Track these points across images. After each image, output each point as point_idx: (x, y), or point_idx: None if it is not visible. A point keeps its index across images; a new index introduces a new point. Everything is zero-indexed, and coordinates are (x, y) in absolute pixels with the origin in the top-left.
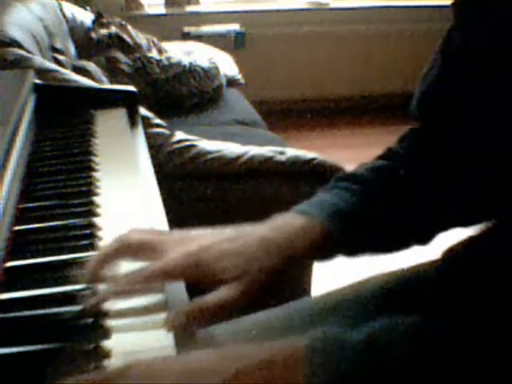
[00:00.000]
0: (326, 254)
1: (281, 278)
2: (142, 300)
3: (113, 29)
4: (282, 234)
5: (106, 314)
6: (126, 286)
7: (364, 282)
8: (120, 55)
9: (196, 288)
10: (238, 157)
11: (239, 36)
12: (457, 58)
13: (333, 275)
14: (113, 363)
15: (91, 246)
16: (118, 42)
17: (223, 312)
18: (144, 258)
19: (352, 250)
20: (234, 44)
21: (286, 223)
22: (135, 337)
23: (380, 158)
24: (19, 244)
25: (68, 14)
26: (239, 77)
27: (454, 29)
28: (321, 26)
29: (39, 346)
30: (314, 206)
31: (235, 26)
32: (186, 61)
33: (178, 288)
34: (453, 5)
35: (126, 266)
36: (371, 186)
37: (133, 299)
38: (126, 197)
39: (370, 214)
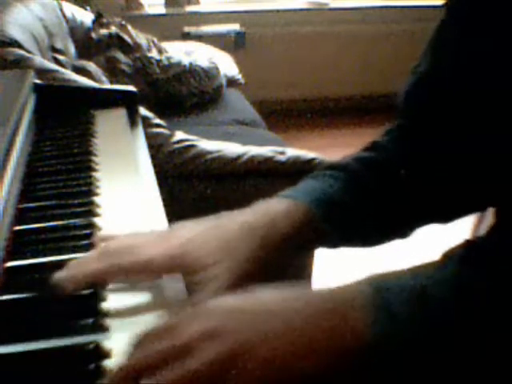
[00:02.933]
0: (309, 240)
1: (267, 266)
2: (141, 299)
3: (113, 29)
4: (264, 217)
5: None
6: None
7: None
8: (120, 55)
9: None
10: (238, 157)
11: (239, 36)
12: (446, 54)
13: (333, 274)
14: (113, 363)
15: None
16: (118, 41)
17: None
18: (129, 264)
19: (335, 239)
20: (234, 44)
21: (269, 207)
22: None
23: (365, 149)
24: (19, 244)
25: (68, 14)
26: (239, 77)
27: (444, 24)
28: (321, 26)
29: (39, 346)
30: (299, 191)
31: (235, 26)
32: (186, 61)
33: (178, 287)
34: (445, 1)
35: None
36: (356, 175)
37: (132, 298)
38: (126, 197)
39: (353, 201)
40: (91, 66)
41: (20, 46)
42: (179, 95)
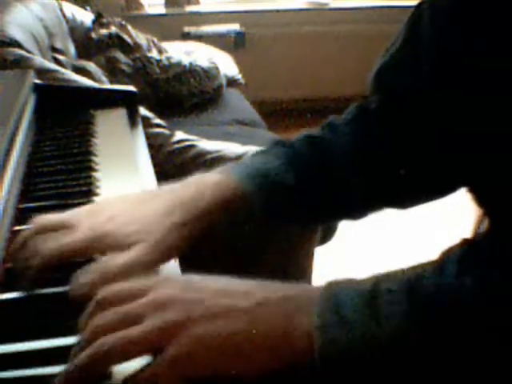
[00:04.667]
0: (240, 214)
1: (194, 240)
2: None
3: (113, 29)
4: (192, 189)
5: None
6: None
7: None
8: (120, 55)
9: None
10: (238, 157)
11: (239, 36)
12: (422, 32)
13: (333, 274)
14: None
15: None
16: (118, 41)
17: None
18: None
19: (271, 214)
20: (233, 44)
21: (199, 179)
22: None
23: (320, 128)
24: None
25: (68, 14)
26: (239, 77)
27: (423, 3)
28: (321, 26)
29: (39, 345)
30: (235, 167)
31: (235, 26)
32: (186, 61)
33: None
34: None
35: None
36: (298, 154)
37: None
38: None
39: (293, 179)
40: (91, 65)
41: (20, 46)
42: (179, 95)
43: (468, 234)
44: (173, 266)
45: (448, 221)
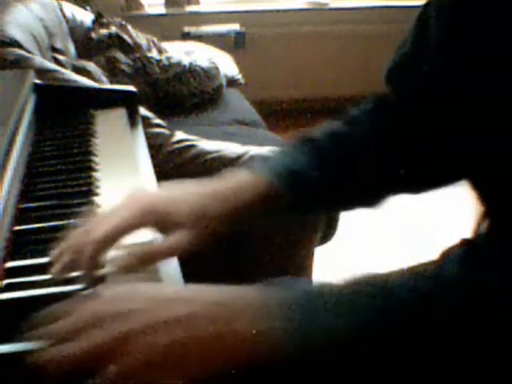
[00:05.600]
0: (274, 209)
1: (232, 228)
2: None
3: (113, 29)
4: (229, 185)
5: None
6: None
7: None
8: (120, 55)
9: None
10: (238, 157)
11: (239, 36)
12: (428, 31)
13: (333, 274)
14: None
15: None
16: (118, 41)
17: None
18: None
19: (300, 208)
20: (234, 44)
21: (235, 177)
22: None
23: (339, 121)
24: (19, 244)
25: (68, 14)
26: (239, 77)
27: (430, 3)
28: (321, 26)
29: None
30: (265, 165)
31: (235, 26)
32: (186, 61)
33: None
34: None
35: None
36: (323, 151)
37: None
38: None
39: (319, 176)
40: (91, 65)
41: (20, 46)
42: (179, 95)
43: (468, 234)
44: (174, 266)
45: (448, 221)
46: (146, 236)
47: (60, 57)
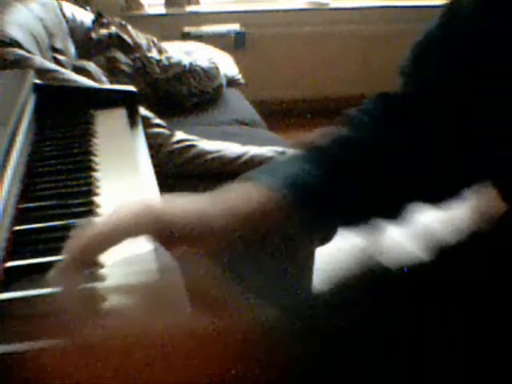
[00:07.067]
0: (286, 223)
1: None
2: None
3: (113, 29)
4: (238, 197)
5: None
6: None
7: None
8: (120, 55)
9: None
10: (238, 157)
11: (239, 36)
12: (459, 9)
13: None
14: None
15: None
16: (118, 41)
17: None
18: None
19: (312, 224)
20: (234, 44)
21: (244, 189)
22: None
23: (345, 125)
24: (19, 244)
25: (68, 14)
26: (239, 77)
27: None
28: (321, 26)
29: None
30: (275, 176)
31: (235, 26)
32: (186, 61)
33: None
34: None
35: None
36: (335, 160)
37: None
38: (126, 197)
39: (329, 186)
40: (91, 65)
41: (20, 46)
42: (179, 95)
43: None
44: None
45: (448, 221)
46: (145, 245)
47: (60, 57)
